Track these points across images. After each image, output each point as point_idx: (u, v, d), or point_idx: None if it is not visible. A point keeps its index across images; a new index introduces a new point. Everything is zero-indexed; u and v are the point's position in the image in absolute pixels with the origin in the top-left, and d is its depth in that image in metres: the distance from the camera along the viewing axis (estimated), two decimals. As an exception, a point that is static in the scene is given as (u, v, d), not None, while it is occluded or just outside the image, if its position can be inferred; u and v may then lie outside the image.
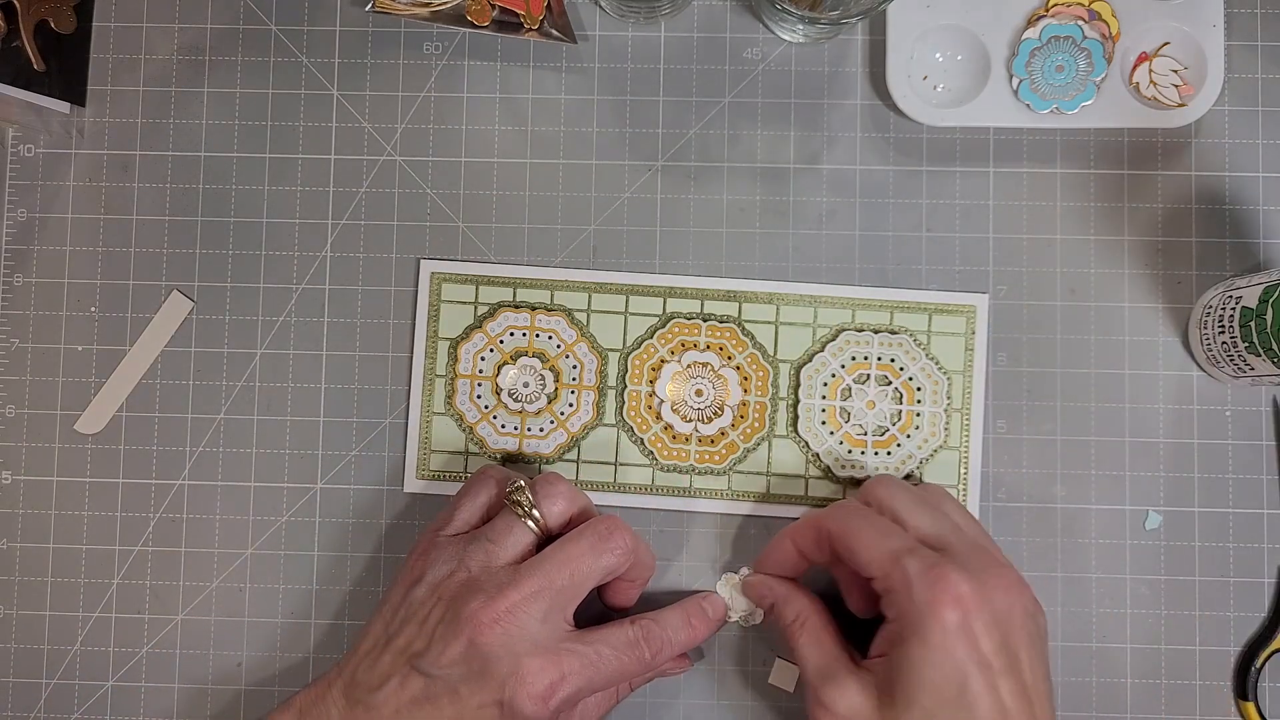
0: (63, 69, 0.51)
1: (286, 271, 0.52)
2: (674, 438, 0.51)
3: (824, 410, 0.51)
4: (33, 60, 0.50)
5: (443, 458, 0.51)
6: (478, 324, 0.51)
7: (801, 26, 0.50)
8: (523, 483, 0.45)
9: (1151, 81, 0.50)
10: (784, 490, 0.51)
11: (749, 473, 0.51)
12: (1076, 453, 0.51)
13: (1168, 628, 0.50)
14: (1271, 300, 0.44)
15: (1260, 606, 0.50)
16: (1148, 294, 0.51)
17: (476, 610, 0.42)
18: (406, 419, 0.51)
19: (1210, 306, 0.48)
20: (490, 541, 0.44)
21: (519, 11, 0.50)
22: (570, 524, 0.46)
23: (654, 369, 0.51)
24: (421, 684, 0.42)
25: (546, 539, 0.45)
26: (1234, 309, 0.46)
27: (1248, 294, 0.46)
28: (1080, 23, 0.50)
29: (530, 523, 0.45)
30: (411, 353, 0.51)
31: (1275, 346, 0.44)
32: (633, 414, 0.51)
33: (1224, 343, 0.47)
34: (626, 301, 0.51)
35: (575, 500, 0.46)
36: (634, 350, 0.51)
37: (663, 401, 0.51)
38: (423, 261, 0.52)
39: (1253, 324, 0.45)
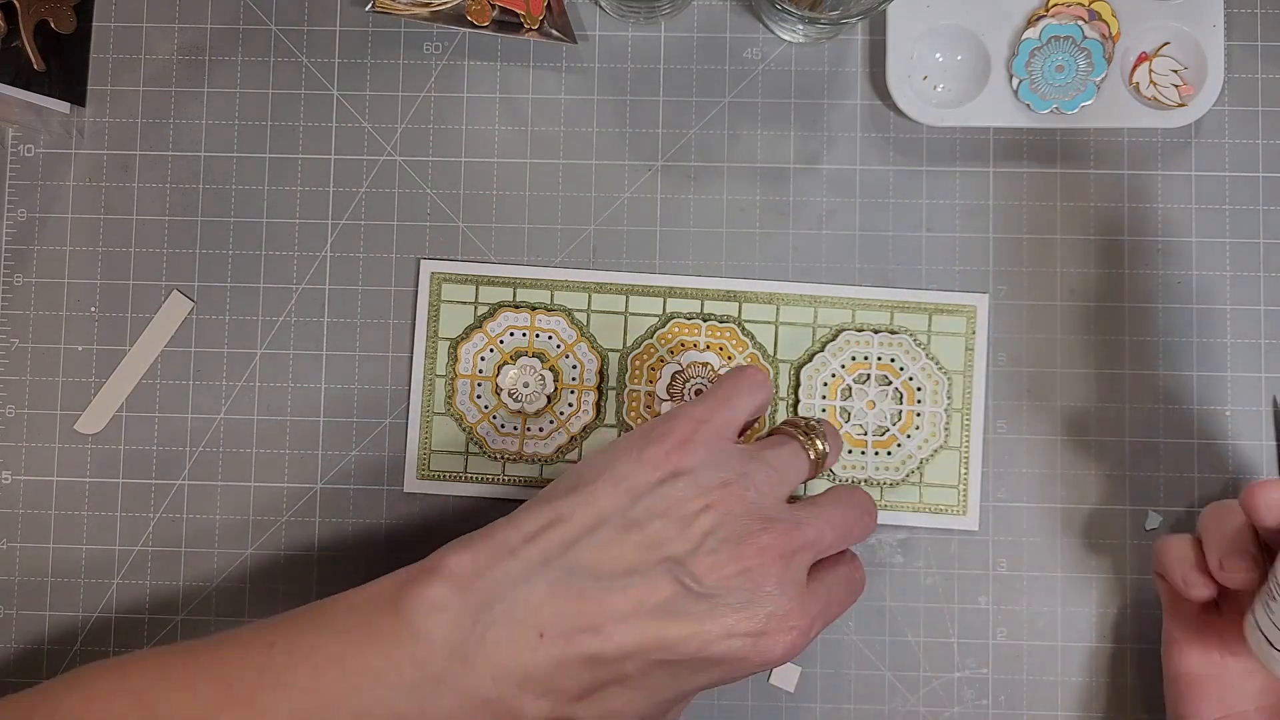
0: (63, 69, 0.51)
1: (286, 271, 0.52)
2: (674, 438, 0.51)
3: (824, 410, 0.51)
4: (33, 60, 0.50)
5: (443, 458, 0.51)
6: (478, 324, 0.51)
7: (801, 26, 0.50)
8: (808, 417, 0.45)
9: (1151, 81, 0.50)
10: (784, 490, 0.51)
11: (749, 473, 0.51)
12: (1076, 453, 0.51)
13: (1168, 628, 0.50)
14: None
15: (1260, 606, 0.50)
16: (1148, 294, 0.51)
17: (769, 543, 0.38)
18: (406, 419, 0.51)
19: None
20: (774, 469, 0.41)
21: (519, 11, 0.50)
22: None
23: (654, 369, 0.51)
24: (673, 591, 0.37)
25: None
26: None
27: None
28: (1080, 23, 0.50)
29: (812, 454, 0.43)
30: (411, 353, 0.51)
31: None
32: (633, 414, 0.51)
33: None
34: (626, 301, 0.51)
35: (840, 447, 0.46)
36: (634, 350, 0.51)
37: (663, 402, 0.51)
38: (423, 261, 0.52)
39: None
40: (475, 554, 0.37)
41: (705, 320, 0.51)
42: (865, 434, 0.51)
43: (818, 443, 0.43)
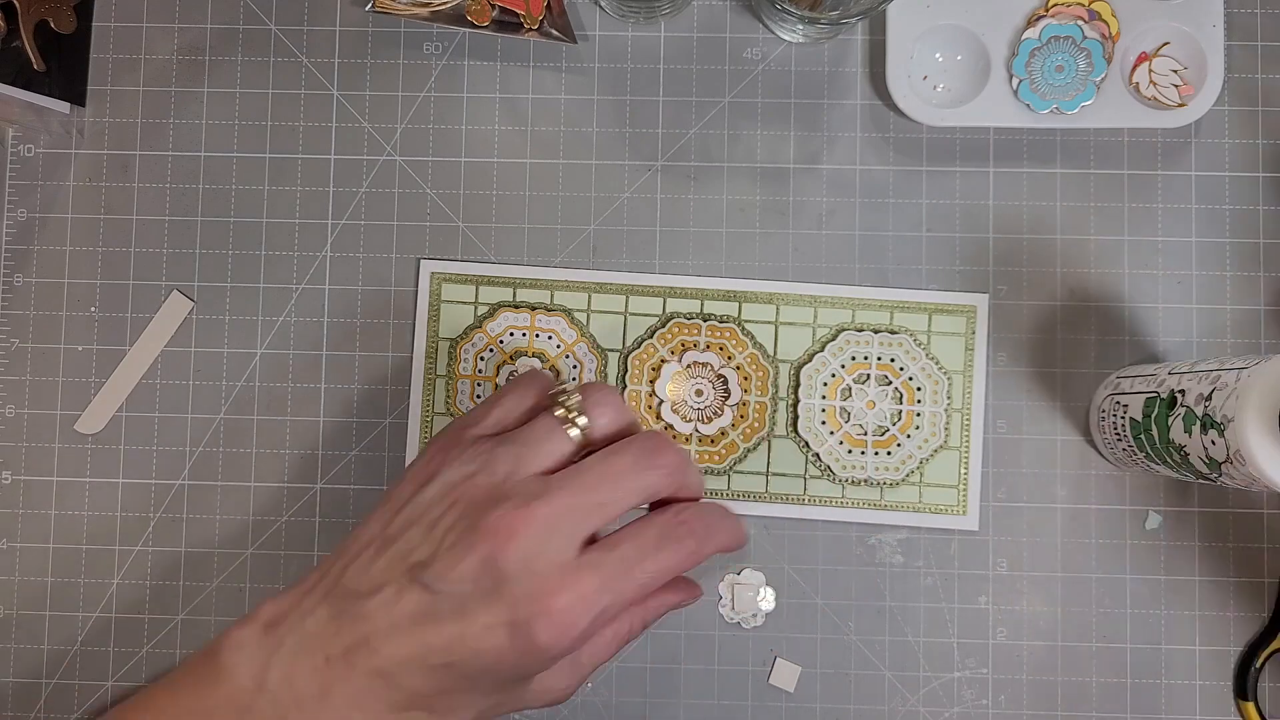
0: (63, 69, 0.51)
1: (286, 271, 0.52)
2: (674, 437, 0.51)
3: (824, 410, 0.51)
4: (33, 60, 0.50)
5: (443, 458, 0.51)
6: (478, 324, 0.51)
7: (801, 26, 0.50)
8: (571, 386, 0.41)
9: (1151, 81, 0.50)
10: (784, 490, 0.51)
11: (749, 473, 0.51)
12: (1076, 453, 0.51)
13: (1168, 628, 0.50)
14: (1154, 415, 0.44)
15: (1260, 606, 0.50)
16: (1147, 294, 0.51)
17: (497, 521, 0.36)
18: (406, 419, 0.51)
19: (1103, 411, 0.48)
20: (523, 445, 0.39)
21: (519, 11, 0.50)
22: (613, 439, 0.40)
23: (654, 369, 0.51)
24: (420, 598, 0.37)
25: (585, 453, 0.40)
26: (1124, 419, 0.46)
27: (1132, 404, 0.46)
28: (1080, 23, 0.50)
29: (574, 430, 0.39)
30: (411, 353, 0.51)
31: (1170, 460, 0.44)
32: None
33: (1125, 449, 0.47)
34: (626, 301, 0.51)
35: (624, 414, 0.40)
36: (634, 350, 0.51)
37: (663, 401, 0.51)
38: (423, 261, 0.52)
39: (1143, 437, 0.45)
40: (280, 598, 0.38)
41: (705, 320, 0.51)
42: (865, 434, 0.51)
43: (575, 417, 0.39)
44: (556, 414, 0.40)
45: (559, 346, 0.51)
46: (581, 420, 0.39)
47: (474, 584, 0.36)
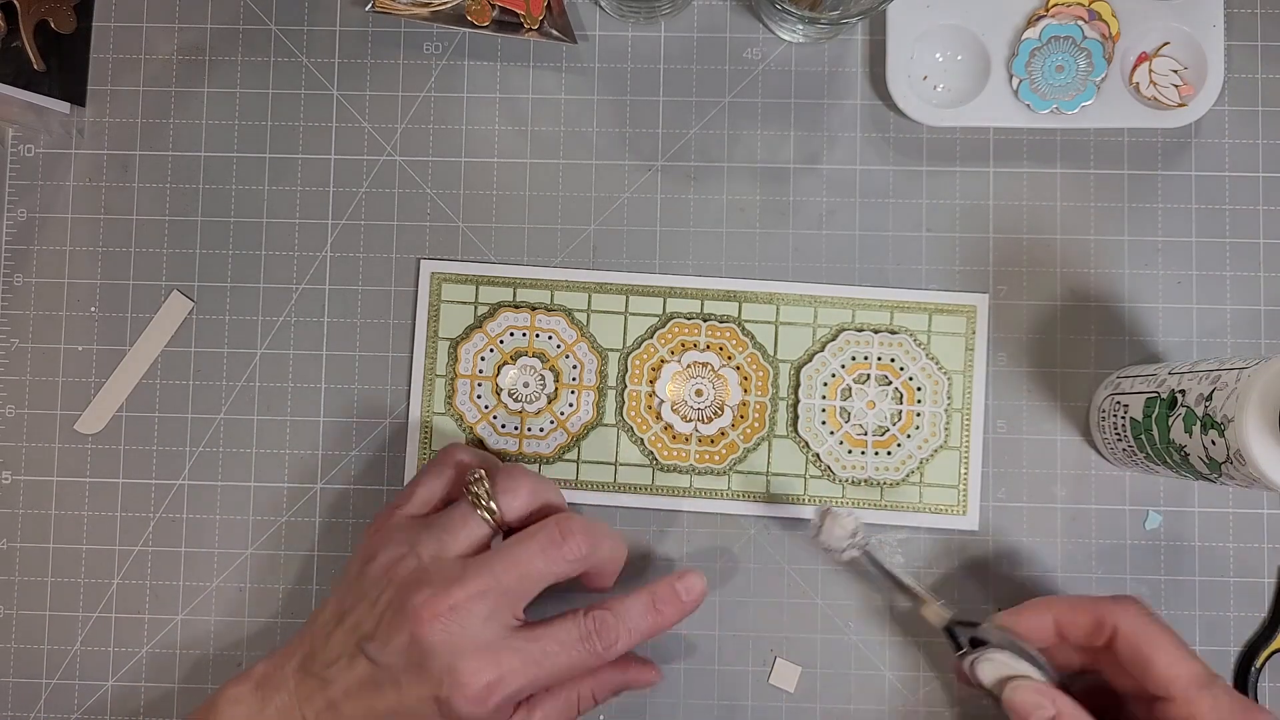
0: (63, 69, 0.51)
1: (286, 271, 0.52)
2: (674, 438, 0.51)
3: (824, 410, 0.51)
4: (33, 60, 0.50)
5: (443, 458, 0.51)
6: (478, 324, 0.51)
7: (801, 26, 0.50)
8: (482, 473, 0.45)
9: (1151, 81, 0.50)
10: (784, 490, 0.51)
11: (749, 473, 0.51)
12: (1076, 453, 0.51)
13: (1168, 628, 0.50)
14: (1154, 415, 0.44)
15: (1260, 606, 0.50)
16: (1147, 294, 0.51)
17: (420, 605, 0.41)
18: (407, 419, 0.51)
19: (1103, 411, 0.48)
20: (444, 531, 0.44)
21: (519, 11, 0.50)
22: (531, 518, 0.45)
23: (654, 369, 0.51)
24: (367, 668, 0.42)
25: (506, 532, 0.45)
26: (1124, 419, 0.46)
27: (1132, 404, 0.46)
28: (1080, 23, 0.50)
29: (486, 515, 0.44)
30: (411, 353, 0.51)
31: (1170, 460, 0.44)
32: (633, 414, 0.51)
33: (1125, 449, 0.47)
34: (626, 301, 0.51)
35: (538, 494, 0.45)
36: (634, 350, 0.51)
37: (663, 401, 0.51)
38: (423, 261, 0.52)
39: (1143, 437, 0.45)
40: (268, 660, 0.44)
41: (705, 320, 0.51)
42: (865, 434, 0.51)
43: (486, 502, 0.44)
44: (470, 501, 0.44)
45: (559, 346, 0.51)
46: (492, 505, 0.44)
47: (405, 658, 0.41)
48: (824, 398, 0.51)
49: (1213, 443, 0.41)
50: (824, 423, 0.51)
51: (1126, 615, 0.42)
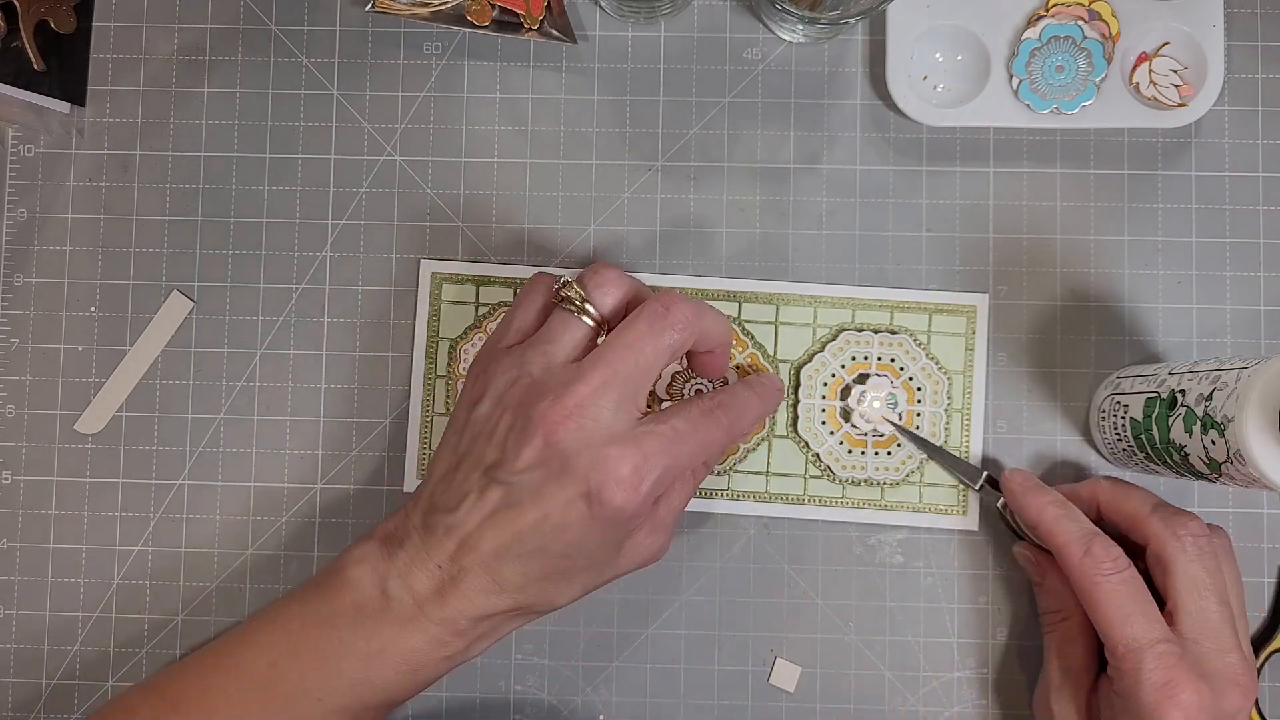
0: (63, 69, 0.51)
1: (286, 271, 0.52)
2: (674, 438, 0.51)
3: (824, 410, 0.51)
4: (33, 60, 0.50)
5: (443, 458, 0.51)
6: (478, 324, 0.51)
7: (801, 26, 0.50)
8: (568, 278, 0.44)
9: (1151, 81, 0.50)
10: (784, 490, 0.51)
11: (749, 473, 0.51)
12: (1076, 453, 0.51)
13: (1168, 628, 0.50)
14: (1154, 416, 0.44)
15: (1260, 606, 0.50)
16: (1147, 294, 0.51)
17: (546, 410, 0.40)
18: (407, 419, 0.51)
19: (1103, 411, 0.48)
20: (547, 343, 0.43)
21: (519, 11, 0.50)
22: (627, 310, 0.44)
23: (654, 369, 0.51)
24: (501, 493, 0.41)
25: (605, 331, 0.44)
26: (1124, 419, 0.47)
27: (1132, 404, 0.46)
28: (1080, 23, 0.50)
29: (585, 317, 0.43)
30: (411, 353, 0.51)
31: (1170, 460, 0.44)
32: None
33: (1125, 449, 0.47)
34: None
35: (628, 285, 0.44)
36: (634, 350, 0.51)
37: (663, 402, 0.51)
38: (423, 261, 0.52)
39: (1143, 437, 0.45)
40: (389, 520, 0.44)
41: (705, 320, 0.51)
42: (865, 434, 0.51)
43: (581, 303, 0.43)
44: (565, 307, 0.43)
45: (559, 346, 0.51)
46: (587, 306, 0.43)
47: (543, 469, 0.41)
48: (824, 398, 0.51)
49: (1213, 443, 0.41)
50: (824, 423, 0.51)
51: (1100, 485, 0.48)
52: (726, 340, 0.46)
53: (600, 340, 0.43)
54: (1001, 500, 0.49)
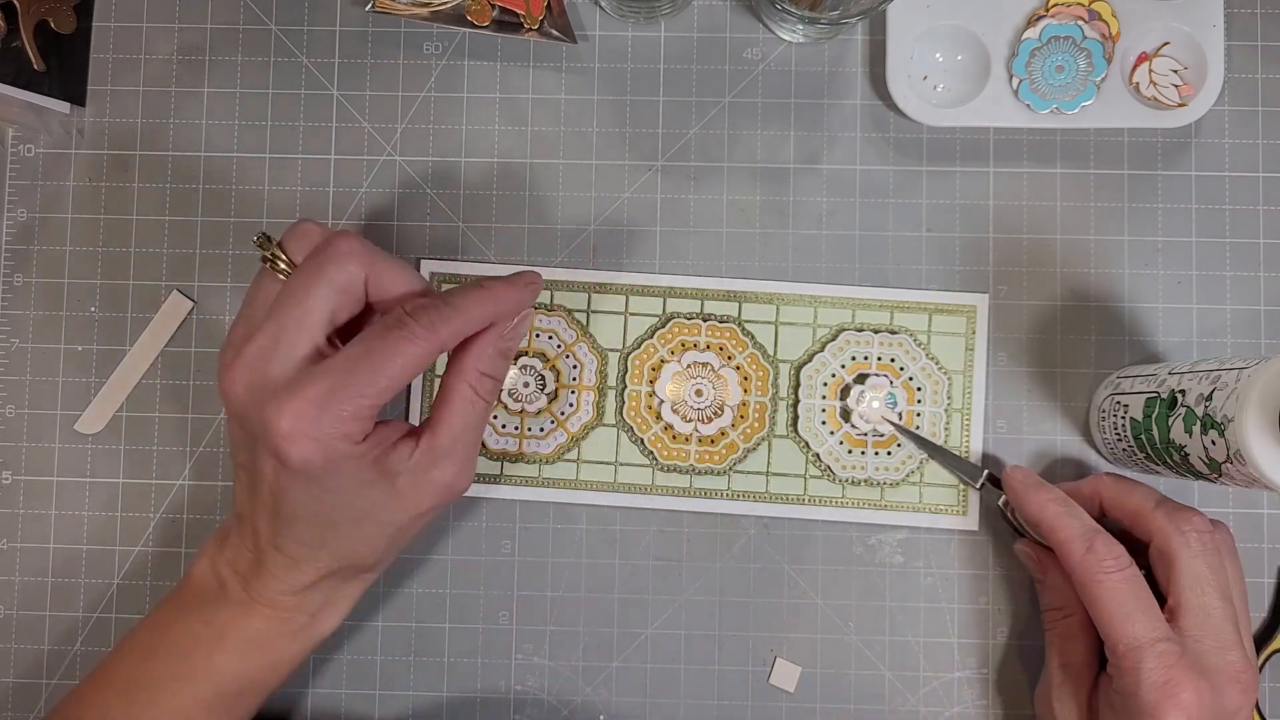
0: (63, 69, 0.51)
1: (286, 271, 0.52)
2: (674, 438, 0.51)
3: (824, 410, 0.51)
4: (33, 60, 0.50)
5: (443, 458, 0.51)
6: (478, 324, 0.51)
7: (801, 26, 0.50)
8: (265, 234, 0.42)
9: (1151, 81, 0.50)
10: (784, 490, 0.51)
11: (749, 473, 0.51)
12: (1076, 453, 0.51)
13: (1168, 628, 0.50)
14: (1154, 416, 0.44)
15: (1260, 606, 0.50)
16: (1147, 294, 0.51)
17: (220, 375, 0.40)
18: (407, 419, 0.51)
19: (1103, 411, 0.48)
20: (246, 306, 0.42)
21: (519, 11, 0.50)
22: None
23: (654, 369, 0.51)
24: (242, 475, 0.42)
25: None
26: (1124, 419, 0.47)
27: (1132, 404, 0.46)
28: (1080, 23, 0.50)
29: (278, 271, 0.41)
30: (411, 353, 0.51)
31: (1170, 460, 0.44)
32: (633, 414, 0.51)
33: (1125, 449, 0.47)
34: (626, 301, 0.51)
35: (325, 235, 0.42)
36: (634, 350, 0.51)
37: (663, 401, 0.51)
38: (423, 261, 0.52)
39: (1143, 437, 0.45)
40: (228, 517, 0.45)
41: (705, 320, 0.51)
42: (865, 434, 0.51)
43: (277, 257, 0.41)
44: (262, 265, 0.42)
45: (559, 346, 0.51)
46: (280, 261, 0.41)
47: (236, 438, 0.41)
48: (824, 398, 0.51)
49: (1213, 443, 0.41)
50: (824, 423, 0.51)
51: (1102, 481, 0.48)
52: (408, 289, 0.42)
53: None
54: (1003, 498, 0.49)
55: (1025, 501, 0.47)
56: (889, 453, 0.51)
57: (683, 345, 0.51)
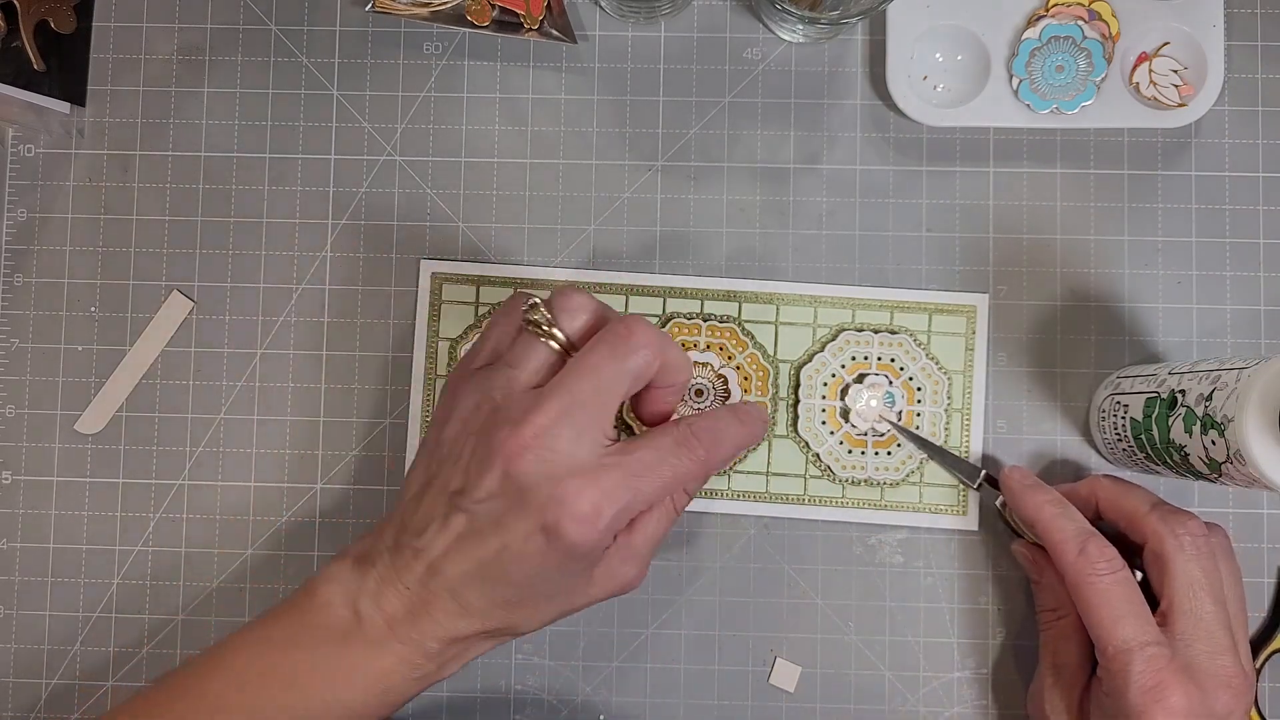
0: (63, 69, 0.51)
1: (286, 271, 0.52)
2: (674, 438, 0.51)
3: (824, 410, 0.51)
4: (33, 60, 0.50)
5: (443, 458, 0.51)
6: (478, 324, 0.51)
7: (801, 26, 0.50)
8: (537, 299, 0.43)
9: (1151, 81, 0.50)
10: (784, 490, 0.51)
11: (749, 473, 0.51)
12: (1076, 453, 0.51)
13: (1168, 628, 0.50)
14: (1154, 416, 0.44)
15: (1260, 606, 0.50)
16: (1147, 294, 0.51)
17: (505, 439, 0.40)
18: (407, 419, 0.51)
19: (1103, 411, 0.49)
20: (511, 367, 0.42)
21: (519, 11, 0.50)
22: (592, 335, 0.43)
23: (654, 369, 0.51)
24: (464, 520, 0.41)
25: (573, 355, 0.42)
26: (1124, 419, 0.47)
27: (1132, 404, 0.46)
28: (1080, 23, 0.50)
29: (551, 341, 0.42)
30: (411, 353, 0.51)
31: (1170, 460, 0.44)
32: (633, 414, 0.51)
33: (1125, 449, 0.47)
34: (626, 302, 0.51)
35: (595, 309, 0.43)
36: (634, 350, 0.51)
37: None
38: (423, 261, 0.52)
39: (1143, 437, 0.45)
40: (363, 539, 0.44)
41: (705, 320, 0.51)
42: (865, 434, 0.51)
43: (548, 327, 0.42)
44: (531, 330, 0.42)
45: (559, 346, 0.51)
46: (554, 331, 0.42)
47: (503, 499, 0.40)
48: (824, 398, 0.51)
49: (1213, 443, 0.41)
50: (824, 423, 0.51)
51: (1099, 483, 0.48)
52: (686, 377, 0.44)
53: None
54: (1001, 498, 0.49)
55: (1021, 502, 0.47)
56: (889, 453, 0.51)
57: (683, 345, 0.51)
